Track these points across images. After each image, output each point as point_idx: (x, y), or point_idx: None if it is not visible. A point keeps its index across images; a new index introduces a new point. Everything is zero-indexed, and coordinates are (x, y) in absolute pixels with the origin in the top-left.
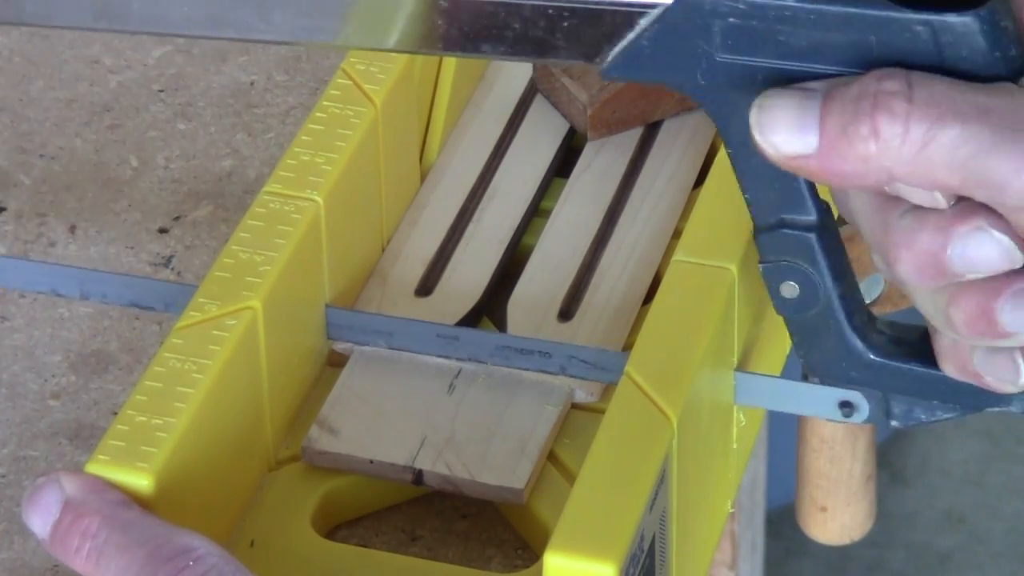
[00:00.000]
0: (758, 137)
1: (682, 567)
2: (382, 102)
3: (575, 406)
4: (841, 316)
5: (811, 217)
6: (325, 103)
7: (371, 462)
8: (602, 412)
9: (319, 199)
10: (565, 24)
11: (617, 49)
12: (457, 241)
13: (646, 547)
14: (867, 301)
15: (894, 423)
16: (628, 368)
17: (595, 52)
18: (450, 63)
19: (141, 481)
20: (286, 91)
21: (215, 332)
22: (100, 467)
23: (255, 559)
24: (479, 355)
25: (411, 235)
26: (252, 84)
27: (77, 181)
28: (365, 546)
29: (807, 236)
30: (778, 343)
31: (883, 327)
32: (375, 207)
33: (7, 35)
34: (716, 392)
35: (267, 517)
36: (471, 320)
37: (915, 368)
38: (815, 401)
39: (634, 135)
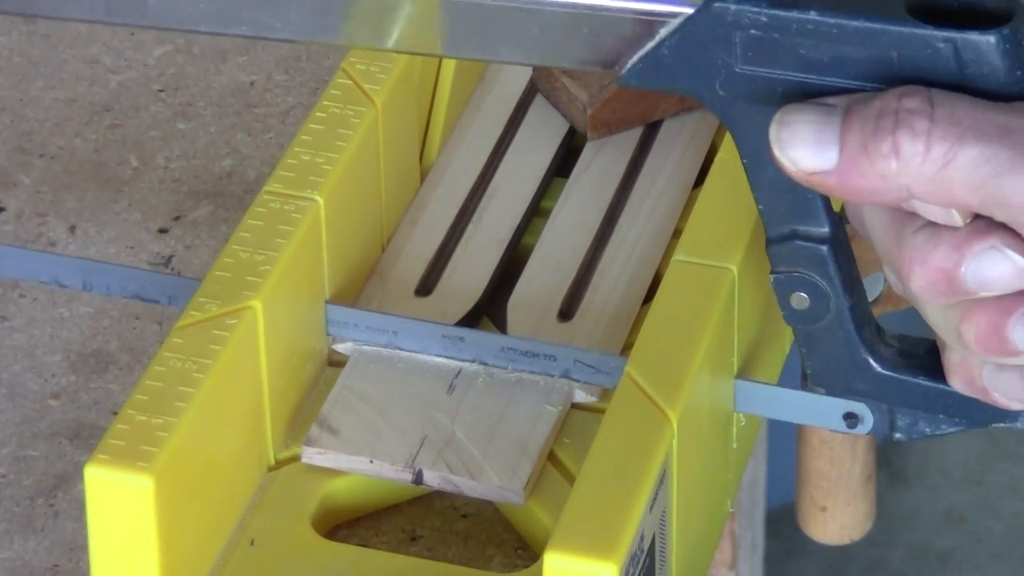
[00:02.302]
0: (777, 152)
1: (682, 567)
2: (382, 102)
3: (575, 406)
4: (850, 328)
5: (824, 229)
6: (325, 103)
7: (371, 462)
8: (602, 412)
9: (319, 199)
10: (584, 31)
11: (636, 57)
12: (457, 241)
13: (646, 547)
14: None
15: (898, 436)
16: (628, 369)
17: (614, 60)
18: (450, 63)
19: (141, 481)
20: (286, 91)
21: (215, 332)
22: (100, 467)
23: (255, 559)
24: (482, 356)
25: (411, 235)
26: (252, 84)
27: (77, 181)
28: (365, 546)
29: (819, 248)
30: (778, 344)
31: (891, 340)
32: (375, 207)
33: (7, 35)
34: (716, 392)
35: (267, 517)
36: (471, 320)
37: (922, 382)
38: (819, 411)
39: (634, 135)
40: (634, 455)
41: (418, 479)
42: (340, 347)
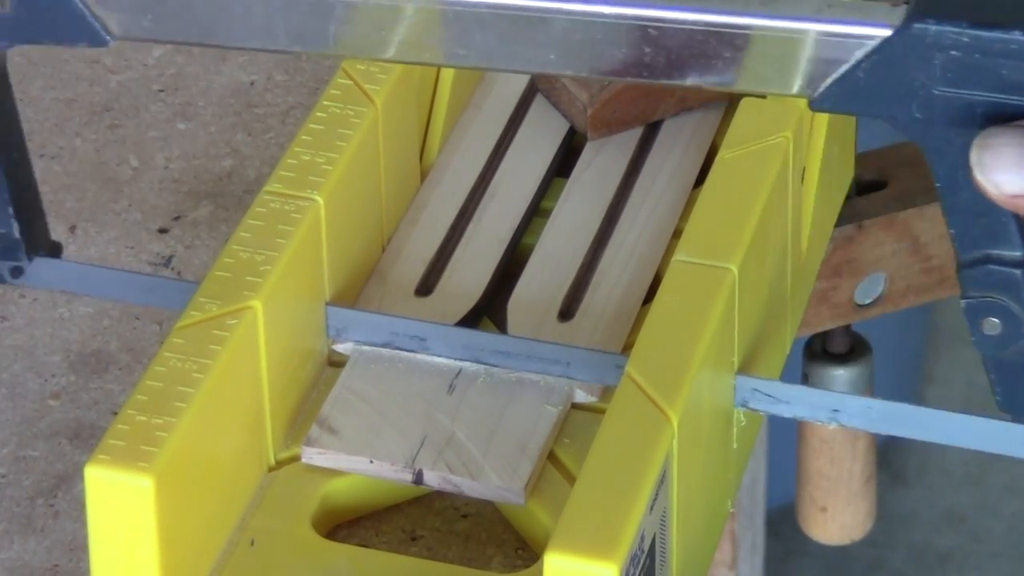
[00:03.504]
0: (980, 177)
1: (682, 567)
2: (382, 102)
3: (575, 406)
4: None
5: (1018, 253)
6: (325, 103)
7: (371, 462)
8: (602, 412)
9: (319, 199)
10: (779, 55)
11: (830, 80)
12: (457, 241)
13: (646, 547)
14: (867, 301)
15: None
16: (628, 368)
17: (807, 84)
18: None
19: (141, 481)
20: (286, 91)
21: (215, 332)
22: (100, 467)
23: (255, 559)
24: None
25: (411, 235)
26: (252, 84)
27: (77, 181)
28: (365, 546)
29: (1013, 272)
30: (778, 343)
31: None
32: (375, 207)
33: None
34: (716, 392)
35: (267, 517)
36: (471, 320)
37: None
38: (1006, 438)
39: (634, 135)
40: (634, 455)
41: (418, 479)
42: (340, 347)
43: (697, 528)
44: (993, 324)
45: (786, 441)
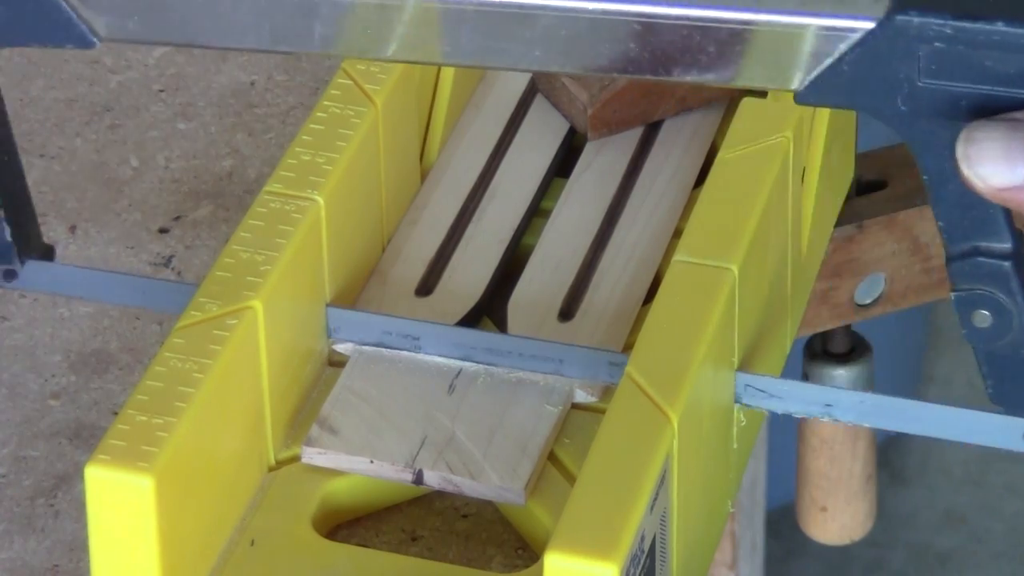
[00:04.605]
0: (966, 170)
1: (682, 567)
2: (382, 102)
3: (575, 406)
4: None
5: (1007, 245)
6: (325, 103)
7: (371, 462)
8: (602, 412)
9: (319, 199)
10: (763, 48)
11: (815, 74)
12: (457, 241)
13: (647, 547)
14: (867, 301)
15: None
16: (628, 368)
17: (791, 77)
18: None
19: (141, 481)
20: (286, 91)
21: (216, 332)
22: (100, 467)
23: (255, 559)
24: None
25: (411, 235)
26: (252, 84)
27: (77, 181)
28: (365, 546)
29: (1002, 264)
30: (779, 343)
31: None
32: (375, 207)
33: None
34: (716, 392)
35: (267, 517)
36: (471, 320)
37: None
38: (997, 431)
39: (634, 135)
40: (634, 455)
41: (418, 479)
42: (340, 347)
43: (697, 528)
44: (983, 317)
45: (786, 441)
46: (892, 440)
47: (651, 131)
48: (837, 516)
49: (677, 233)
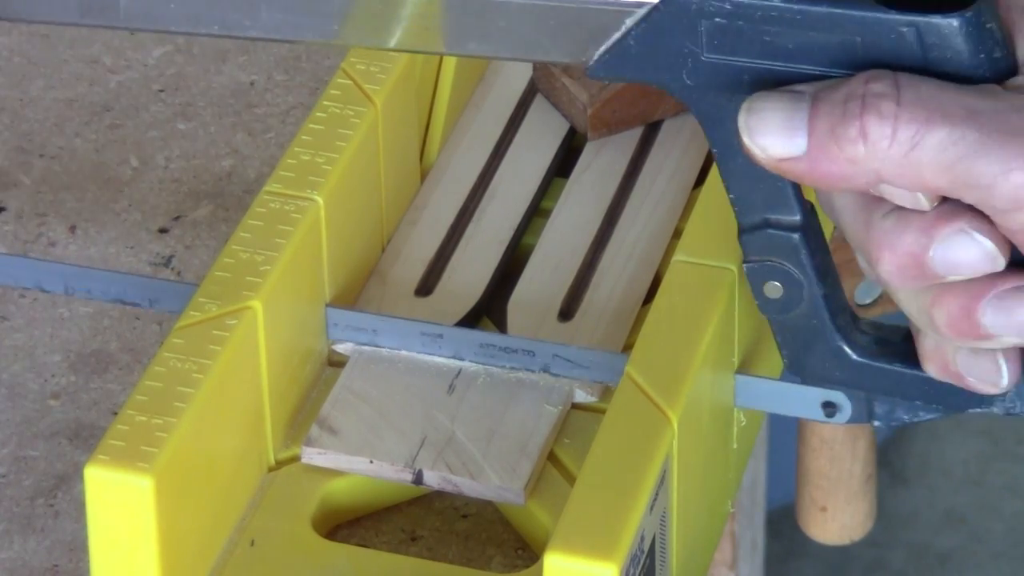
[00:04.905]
0: (747, 140)
1: (682, 567)
2: (382, 102)
3: (575, 406)
4: (825, 316)
5: (796, 217)
6: (325, 103)
7: (371, 462)
8: (602, 412)
9: (319, 199)
10: (551, 23)
11: (603, 48)
12: (457, 241)
13: (646, 547)
14: (867, 301)
15: (876, 423)
16: (628, 368)
17: (582, 51)
18: (450, 63)
19: (141, 481)
20: (286, 91)
21: (215, 332)
22: (100, 467)
23: (255, 559)
24: (480, 356)
25: (411, 235)
26: (252, 84)
27: (77, 181)
28: (365, 546)
29: (791, 236)
30: None
31: (866, 328)
32: (375, 207)
33: (7, 35)
34: (716, 392)
35: (267, 517)
36: (471, 320)
37: (898, 369)
38: (797, 401)
39: (634, 135)
40: (634, 455)
41: (418, 479)
42: (340, 347)
43: (697, 528)
44: (775, 288)
45: (786, 441)
46: (892, 440)
47: (651, 131)
48: (837, 516)
49: (677, 233)
